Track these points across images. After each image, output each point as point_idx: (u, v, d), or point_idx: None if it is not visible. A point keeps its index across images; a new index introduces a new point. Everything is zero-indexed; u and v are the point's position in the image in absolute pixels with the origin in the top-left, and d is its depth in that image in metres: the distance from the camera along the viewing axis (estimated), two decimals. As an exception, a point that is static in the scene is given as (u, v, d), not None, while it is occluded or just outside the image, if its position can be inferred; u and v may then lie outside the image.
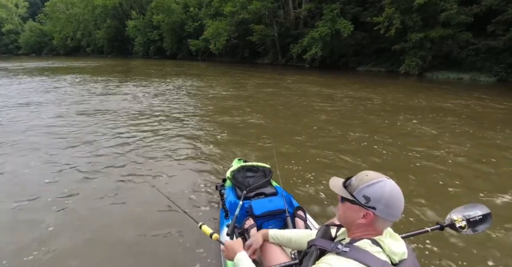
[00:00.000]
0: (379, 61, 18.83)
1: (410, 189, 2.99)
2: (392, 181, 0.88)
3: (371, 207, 0.86)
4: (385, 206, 0.84)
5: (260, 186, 2.02)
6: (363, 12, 18.48)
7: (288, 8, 23.87)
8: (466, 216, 1.38)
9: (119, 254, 2.11)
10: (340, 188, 0.94)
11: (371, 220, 0.87)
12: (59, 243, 2.19)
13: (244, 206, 1.84)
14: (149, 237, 2.26)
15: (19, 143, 4.40)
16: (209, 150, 4.22)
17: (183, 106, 7.34)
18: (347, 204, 0.92)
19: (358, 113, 6.62)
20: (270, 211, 1.77)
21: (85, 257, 2.08)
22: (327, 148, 4.28)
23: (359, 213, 0.88)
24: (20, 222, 2.47)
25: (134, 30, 38.67)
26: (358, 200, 0.88)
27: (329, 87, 10.80)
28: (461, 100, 8.27)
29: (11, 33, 60.02)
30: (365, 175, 0.90)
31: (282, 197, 1.88)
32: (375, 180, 0.87)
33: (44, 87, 10.33)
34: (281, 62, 24.62)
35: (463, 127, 5.46)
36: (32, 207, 2.69)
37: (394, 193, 0.86)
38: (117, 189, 3.01)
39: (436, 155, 3.97)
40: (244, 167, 2.28)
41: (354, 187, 0.90)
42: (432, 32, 14.27)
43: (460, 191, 2.98)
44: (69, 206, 2.70)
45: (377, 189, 0.85)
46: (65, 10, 49.94)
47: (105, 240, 2.26)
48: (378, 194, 0.85)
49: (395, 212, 0.86)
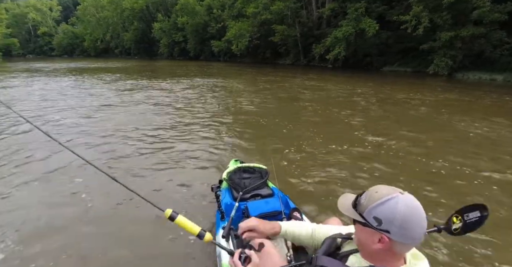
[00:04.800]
0: (406, 61, 18.37)
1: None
2: (407, 195, 0.76)
3: (384, 230, 0.74)
4: (400, 228, 0.72)
5: (256, 188, 1.99)
6: (389, 10, 18.10)
7: (311, 8, 23.79)
8: (465, 217, 1.26)
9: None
10: (349, 208, 0.84)
11: (388, 245, 0.75)
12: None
13: (240, 207, 1.81)
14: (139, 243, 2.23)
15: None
16: (205, 150, 4.18)
17: (195, 104, 7.61)
18: (359, 226, 0.82)
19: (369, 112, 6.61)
20: (266, 212, 1.76)
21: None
22: (326, 149, 4.20)
23: (373, 237, 0.77)
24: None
25: (159, 32, 40.00)
26: (369, 223, 0.76)
27: (351, 85, 10.75)
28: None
29: (45, 35, 63.86)
30: (375, 191, 0.78)
31: (278, 198, 1.86)
32: (386, 198, 0.75)
33: (90, 86, 11.10)
34: (303, 63, 24.58)
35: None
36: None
37: (409, 211, 0.73)
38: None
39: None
40: (240, 168, 2.24)
41: (363, 207, 0.78)
42: (463, 31, 13.76)
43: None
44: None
45: (388, 208, 0.73)
46: (95, 13, 52.59)
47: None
48: (389, 215, 0.73)
49: (414, 233, 0.73)
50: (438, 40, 14.73)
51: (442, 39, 14.42)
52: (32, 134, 4.86)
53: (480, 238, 2.18)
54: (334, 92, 9.85)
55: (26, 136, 4.84)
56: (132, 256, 2.10)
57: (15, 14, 60.04)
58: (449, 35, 14.02)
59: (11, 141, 4.60)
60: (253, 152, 4.21)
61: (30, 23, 63.35)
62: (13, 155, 4.00)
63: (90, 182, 3.17)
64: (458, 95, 9.61)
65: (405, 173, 3.44)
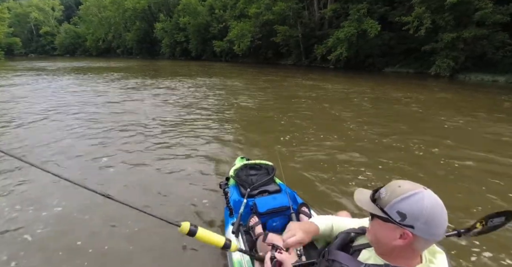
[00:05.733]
0: (408, 62, 18.38)
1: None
2: (430, 191, 0.75)
3: (408, 225, 0.72)
4: (425, 224, 0.71)
5: (263, 184, 2.02)
6: (391, 11, 18.13)
7: (313, 8, 23.82)
8: (489, 222, 1.21)
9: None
10: (368, 202, 0.81)
11: (409, 241, 0.73)
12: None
13: (249, 204, 1.84)
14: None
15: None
16: (211, 148, 4.22)
17: (198, 103, 7.74)
18: (378, 221, 0.79)
19: (370, 111, 6.68)
20: (274, 208, 1.78)
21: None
22: (332, 144, 4.29)
23: (394, 233, 0.75)
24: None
25: (161, 32, 40.04)
26: (392, 218, 0.74)
27: (350, 85, 10.78)
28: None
29: (47, 35, 63.88)
30: (398, 186, 0.76)
31: (286, 194, 1.88)
32: (411, 192, 0.73)
33: (96, 82, 11.16)
34: (304, 63, 24.61)
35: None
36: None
37: (435, 207, 0.72)
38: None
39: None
40: (247, 165, 2.28)
41: (385, 201, 0.76)
42: (465, 32, 13.77)
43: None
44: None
45: (414, 203, 0.72)
46: (97, 13, 52.66)
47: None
48: (415, 210, 0.71)
49: (438, 230, 0.72)
50: (440, 41, 14.74)
51: (444, 40, 14.43)
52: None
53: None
54: (335, 92, 9.90)
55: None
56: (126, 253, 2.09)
57: (17, 13, 60.17)
58: (451, 36, 14.03)
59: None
60: (258, 148, 4.32)
61: (32, 22, 63.43)
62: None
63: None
64: (452, 94, 9.82)
65: (425, 170, 3.53)
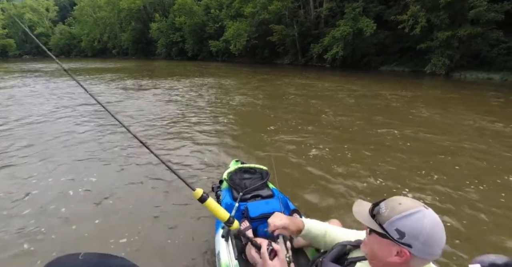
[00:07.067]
0: (403, 61, 18.42)
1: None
2: (431, 211, 0.73)
3: (406, 244, 0.71)
4: (423, 244, 0.70)
5: (256, 188, 1.99)
6: (387, 10, 18.17)
7: (309, 7, 23.81)
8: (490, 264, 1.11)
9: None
10: (367, 217, 0.80)
11: (406, 259, 0.72)
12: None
13: (240, 208, 1.82)
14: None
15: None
16: (203, 150, 4.23)
17: (193, 103, 7.78)
18: (376, 236, 0.78)
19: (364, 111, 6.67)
20: (266, 213, 1.74)
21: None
22: (328, 150, 4.22)
23: (391, 250, 0.74)
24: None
25: (157, 32, 39.83)
26: (390, 235, 0.73)
27: (350, 84, 10.78)
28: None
29: (42, 36, 63.32)
30: (398, 203, 0.75)
31: (278, 199, 1.86)
32: (411, 211, 0.72)
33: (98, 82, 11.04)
34: (301, 62, 24.59)
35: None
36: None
37: (435, 227, 0.71)
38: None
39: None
40: (241, 168, 2.25)
41: (384, 217, 0.75)
42: (460, 30, 13.81)
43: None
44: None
45: (414, 222, 0.71)
46: (92, 13, 52.30)
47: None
48: (415, 229, 0.70)
49: (435, 250, 0.71)
50: (435, 39, 14.77)
51: (439, 39, 14.46)
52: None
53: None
54: (337, 92, 9.89)
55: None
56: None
57: (11, 14, 59.63)
58: (446, 34, 14.07)
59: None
60: (251, 150, 4.28)
61: (27, 23, 62.85)
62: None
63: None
64: (440, 91, 10.16)
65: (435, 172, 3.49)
